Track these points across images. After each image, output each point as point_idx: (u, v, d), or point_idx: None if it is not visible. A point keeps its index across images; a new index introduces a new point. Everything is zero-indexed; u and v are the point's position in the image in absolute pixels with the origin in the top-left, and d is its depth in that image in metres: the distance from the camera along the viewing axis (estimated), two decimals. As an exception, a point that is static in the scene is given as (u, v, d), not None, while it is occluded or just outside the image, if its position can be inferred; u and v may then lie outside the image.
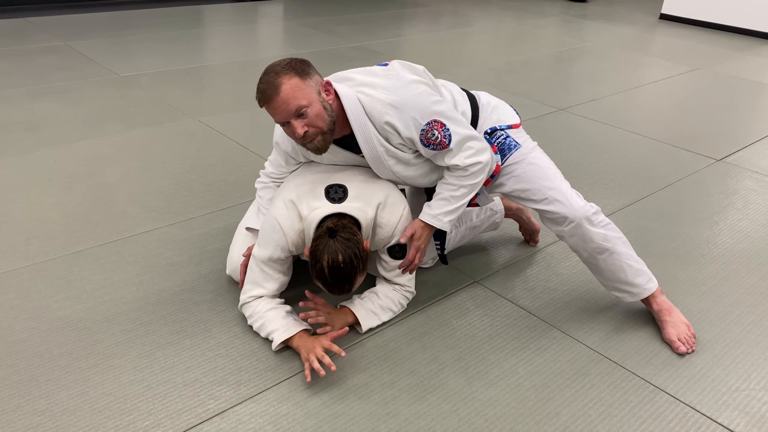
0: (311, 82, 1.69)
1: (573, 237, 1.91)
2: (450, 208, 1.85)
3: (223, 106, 3.70)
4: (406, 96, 1.74)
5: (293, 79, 1.65)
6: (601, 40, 5.96)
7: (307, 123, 1.68)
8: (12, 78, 3.93)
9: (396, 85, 1.75)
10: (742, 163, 3.31)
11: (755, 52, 5.82)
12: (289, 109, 1.65)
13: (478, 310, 2.05)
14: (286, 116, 1.67)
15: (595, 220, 1.89)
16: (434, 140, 1.76)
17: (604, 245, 1.89)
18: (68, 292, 2.02)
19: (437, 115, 1.75)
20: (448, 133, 1.76)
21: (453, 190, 1.84)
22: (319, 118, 1.69)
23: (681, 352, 1.88)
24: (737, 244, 2.52)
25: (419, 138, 1.76)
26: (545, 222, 1.97)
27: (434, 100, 1.77)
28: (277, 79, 1.65)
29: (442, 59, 5.02)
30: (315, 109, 1.67)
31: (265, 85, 1.66)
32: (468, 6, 7.27)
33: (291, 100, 1.64)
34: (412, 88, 1.76)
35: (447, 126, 1.76)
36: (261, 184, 2.08)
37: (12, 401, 1.59)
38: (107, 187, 2.69)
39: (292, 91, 1.64)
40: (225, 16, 6.11)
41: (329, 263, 1.62)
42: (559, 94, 4.28)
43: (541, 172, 1.93)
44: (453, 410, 1.65)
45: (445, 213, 1.85)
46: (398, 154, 1.82)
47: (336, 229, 1.66)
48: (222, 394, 1.66)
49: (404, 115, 1.73)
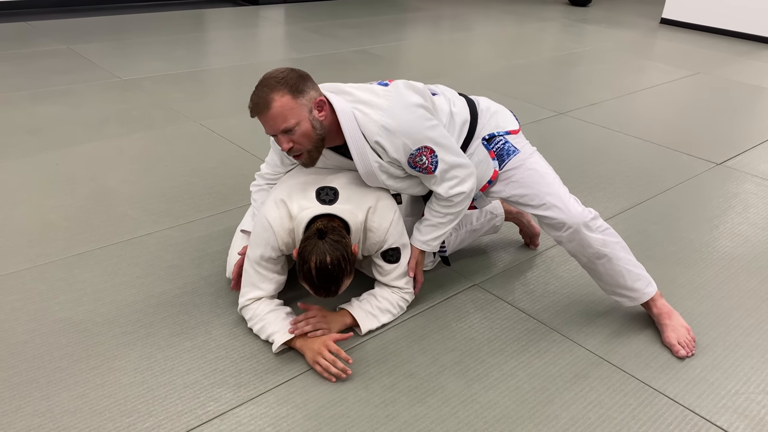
0: (303, 100, 1.70)
1: (571, 243, 1.91)
2: (438, 234, 1.96)
3: (225, 109, 3.71)
4: (402, 120, 1.76)
5: (285, 97, 1.67)
6: (602, 45, 5.97)
7: (293, 140, 1.72)
8: (14, 81, 3.95)
9: (393, 107, 1.76)
10: (741, 167, 3.31)
11: (755, 56, 5.83)
12: (277, 126, 1.70)
13: (478, 312, 2.05)
14: (273, 131, 1.72)
15: (593, 225, 1.89)
16: (421, 164, 1.81)
17: (603, 250, 1.90)
18: (69, 294, 2.02)
19: (428, 141, 1.78)
20: (435, 160, 1.80)
21: (440, 218, 1.94)
22: (306, 137, 1.72)
23: (681, 355, 1.88)
24: (737, 247, 2.52)
25: (407, 161, 1.80)
26: (544, 227, 1.98)
27: (429, 126, 1.79)
28: (269, 95, 1.67)
29: (443, 63, 5.03)
30: (302, 129, 1.70)
31: (258, 99, 1.69)
32: (469, 10, 7.28)
33: (279, 118, 1.68)
34: (409, 111, 1.77)
35: (436, 153, 1.79)
36: (256, 187, 2.09)
37: (13, 402, 1.60)
38: (109, 190, 2.70)
39: (282, 110, 1.67)
40: (226, 20, 6.13)
41: (317, 264, 1.63)
42: (559, 98, 4.29)
43: (539, 178, 1.94)
44: (452, 413, 1.65)
45: (434, 238, 1.97)
46: (390, 170, 1.85)
47: (325, 231, 1.67)
48: (222, 396, 1.66)
49: (395, 139, 1.76)
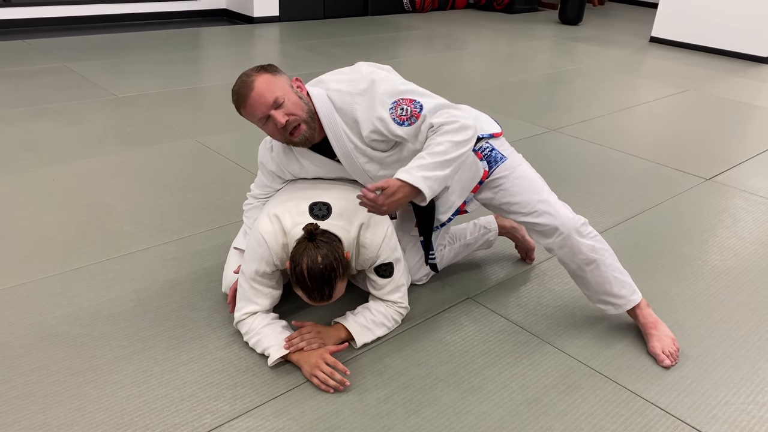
0: (282, 78, 1.77)
1: (562, 249, 1.93)
2: (425, 163, 1.65)
3: (221, 126, 3.75)
4: (373, 80, 1.78)
5: (264, 75, 1.74)
6: (593, 62, 6.06)
7: (287, 112, 1.73)
8: (11, 98, 3.97)
9: (361, 74, 1.81)
10: (730, 183, 3.36)
11: (743, 74, 5.93)
12: (266, 101, 1.71)
13: (472, 325, 2.07)
14: (264, 109, 1.72)
15: (583, 231, 1.92)
16: (405, 115, 1.71)
17: (592, 256, 1.92)
18: (66, 308, 2.03)
19: (405, 94, 1.75)
20: (419, 104, 1.72)
21: (432, 147, 1.67)
22: (297, 106, 1.75)
23: (665, 365, 1.91)
24: (726, 261, 2.56)
25: (390, 118, 1.72)
26: (533, 235, 1.99)
27: (401, 82, 1.80)
28: (249, 78, 1.73)
29: (436, 81, 5.09)
30: (291, 99, 1.74)
31: (239, 86, 1.74)
32: (461, 29, 7.38)
33: (266, 93, 1.71)
34: (377, 74, 1.81)
35: (417, 100, 1.73)
36: (248, 206, 2.12)
37: (10, 416, 1.61)
38: (105, 206, 2.72)
39: (266, 84, 1.72)
40: (222, 38, 6.19)
41: (308, 265, 1.64)
42: (551, 115, 4.35)
43: (528, 185, 1.96)
44: (447, 424, 1.67)
45: (419, 167, 1.65)
46: (368, 152, 1.83)
47: (315, 233, 1.68)
48: (218, 409, 1.67)
49: (372, 100, 1.75)
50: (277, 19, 7.06)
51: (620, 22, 8.51)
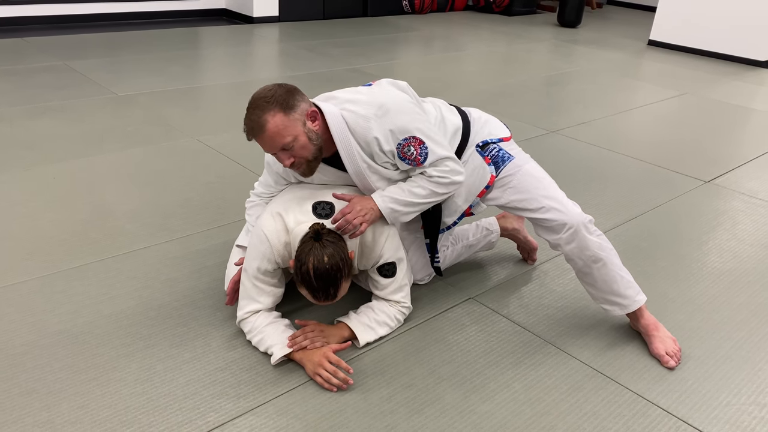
0: (296, 115, 1.72)
1: (570, 244, 1.92)
2: (401, 197, 1.84)
3: (221, 125, 3.75)
4: (388, 109, 1.78)
5: (277, 115, 1.69)
6: (591, 65, 6.08)
7: (293, 155, 1.74)
8: (10, 97, 3.96)
9: (377, 98, 1.81)
10: (729, 185, 3.38)
11: (740, 77, 5.95)
12: (275, 145, 1.72)
13: (474, 325, 2.08)
14: (272, 150, 1.75)
15: (591, 228, 1.93)
16: (409, 155, 1.80)
17: (600, 254, 1.92)
18: (68, 306, 2.03)
19: (417, 132, 1.79)
20: (425, 152, 1.81)
21: (413, 186, 1.85)
22: (304, 149, 1.75)
23: (670, 366, 1.92)
24: (726, 263, 2.57)
25: (396, 152, 1.80)
26: (541, 232, 1.99)
27: (415, 116, 1.81)
28: (261, 116, 1.68)
29: (435, 82, 5.10)
30: (300, 142, 1.73)
31: (252, 123, 1.70)
32: (460, 31, 7.39)
33: (276, 138, 1.70)
34: (391, 94, 1.82)
35: (425, 144, 1.80)
36: (250, 203, 2.12)
37: (13, 413, 1.60)
38: (106, 204, 2.71)
39: (277, 129, 1.69)
40: (221, 38, 6.19)
41: (315, 265, 1.65)
42: (550, 117, 4.36)
43: (536, 182, 1.97)
44: (450, 423, 1.67)
45: (393, 199, 1.84)
46: (381, 171, 1.86)
47: (321, 233, 1.69)
48: (222, 407, 1.67)
49: (384, 128, 1.77)
50: (277, 19, 7.07)
51: (618, 26, 8.54)
